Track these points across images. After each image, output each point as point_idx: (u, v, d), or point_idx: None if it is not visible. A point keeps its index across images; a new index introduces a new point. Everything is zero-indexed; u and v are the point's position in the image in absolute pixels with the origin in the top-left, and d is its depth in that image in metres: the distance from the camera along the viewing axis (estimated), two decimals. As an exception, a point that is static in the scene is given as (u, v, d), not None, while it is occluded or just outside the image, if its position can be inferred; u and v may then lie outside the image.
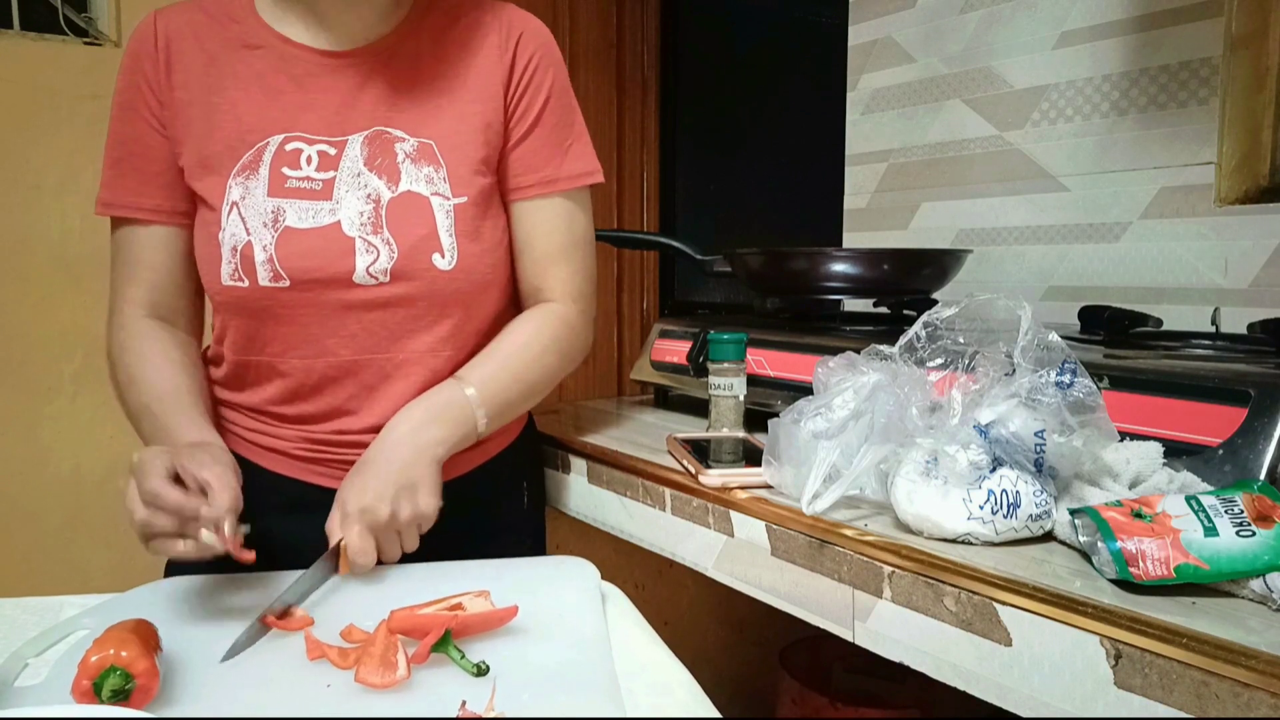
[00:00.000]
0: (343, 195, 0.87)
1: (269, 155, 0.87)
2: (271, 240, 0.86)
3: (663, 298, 2.26)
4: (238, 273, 0.86)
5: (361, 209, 0.87)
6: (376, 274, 0.87)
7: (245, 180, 0.87)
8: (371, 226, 0.87)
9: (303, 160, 0.88)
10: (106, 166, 0.92)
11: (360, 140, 0.89)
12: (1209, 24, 1.14)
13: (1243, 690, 0.51)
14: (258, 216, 0.86)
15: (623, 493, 1.03)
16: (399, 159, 0.89)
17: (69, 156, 1.66)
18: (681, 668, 0.68)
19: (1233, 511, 0.61)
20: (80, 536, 1.73)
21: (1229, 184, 0.94)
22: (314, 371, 0.90)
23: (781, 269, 1.26)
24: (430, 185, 0.89)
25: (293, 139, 0.88)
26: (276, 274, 0.86)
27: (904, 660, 0.71)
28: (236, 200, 0.86)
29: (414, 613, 0.67)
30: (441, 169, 0.89)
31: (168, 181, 0.91)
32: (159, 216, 0.91)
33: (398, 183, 0.88)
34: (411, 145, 0.89)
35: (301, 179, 0.87)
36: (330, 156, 0.88)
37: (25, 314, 1.66)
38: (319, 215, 0.87)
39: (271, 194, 0.86)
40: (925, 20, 1.50)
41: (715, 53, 2.25)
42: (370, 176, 0.88)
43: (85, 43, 1.67)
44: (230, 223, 0.86)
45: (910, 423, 0.75)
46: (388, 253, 0.87)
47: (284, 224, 0.86)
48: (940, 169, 1.49)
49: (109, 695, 0.56)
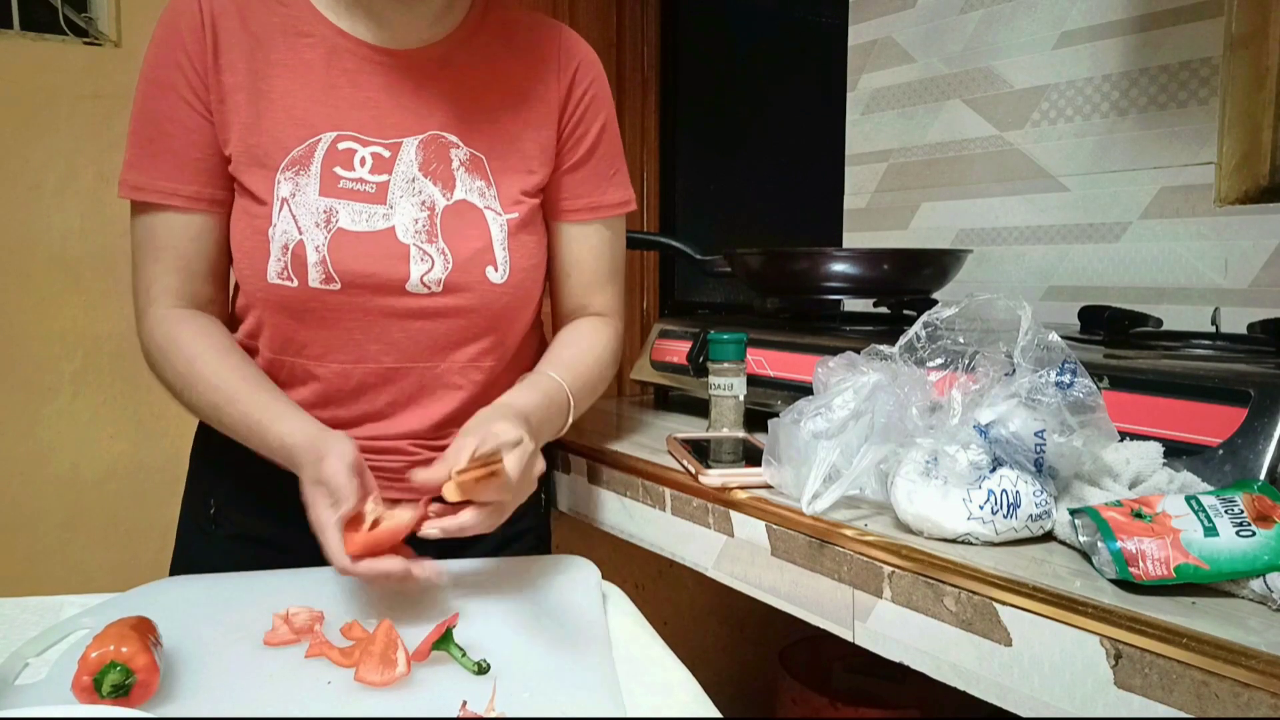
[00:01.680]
0: (397, 200, 0.85)
1: (321, 152, 0.85)
2: (324, 241, 0.83)
3: (663, 298, 2.26)
4: (287, 271, 0.84)
5: (416, 216, 0.86)
6: (430, 284, 0.86)
7: (296, 176, 0.84)
8: (426, 235, 0.86)
9: (356, 161, 0.86)
10: (134, 146, 0.86)
11: (415, 144, 0.87)
12: (1209, 24, 1.14)
13: (1243, 690, 0.51)
14: (310, 215, 0.83)
15: (623, 493, 1.03)
16: (454, 165, 0.88)
17: (69, 156, 1.66)
18: (681, 668, 0.68)
19: (1233, 511, 0.61)
20: (80, 536, 1.73)
21: (1229, 184, 0.94)
22: (351, 377, 0.88)
23: (781, 269, 1.26)
24: (483, 199, 0.88)
25: (345, 137, 0.86)
26: (328, 276, 0.84)
27: (904, 660, 0.71)
28: (286, 196, 0.84)
29: (368, 535, 0.69)
30: (491, 187, 0.89)
31: (208, 166, 0.86)
32: (196, 205, 0.86)
33: (452, 190, 0.87)
34: (465, 154, 0.88)
35: (355, 180, 0.85)
36: (384, 159, 0.86)
37: (25, 314, 1.66)
38: (373, 219, 0.85)
39: (324, 193, 0.84)
40: (925, 20, 1.50)
41: (715, 53, 2.25)
42: (425, 183, 0.86)
43: (85, 43, 1.67)
44: (281, 219, 0.83)
45: (910, 423, 0.75)
46: (442, 263, 0.86)
47: (337, 225, 0.84)
48: (940, 169, 1.49)
49: (109, 691, 0.56)
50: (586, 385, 0.93)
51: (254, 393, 0.83)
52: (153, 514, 1.71)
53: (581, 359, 0.94)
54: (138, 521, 1.76)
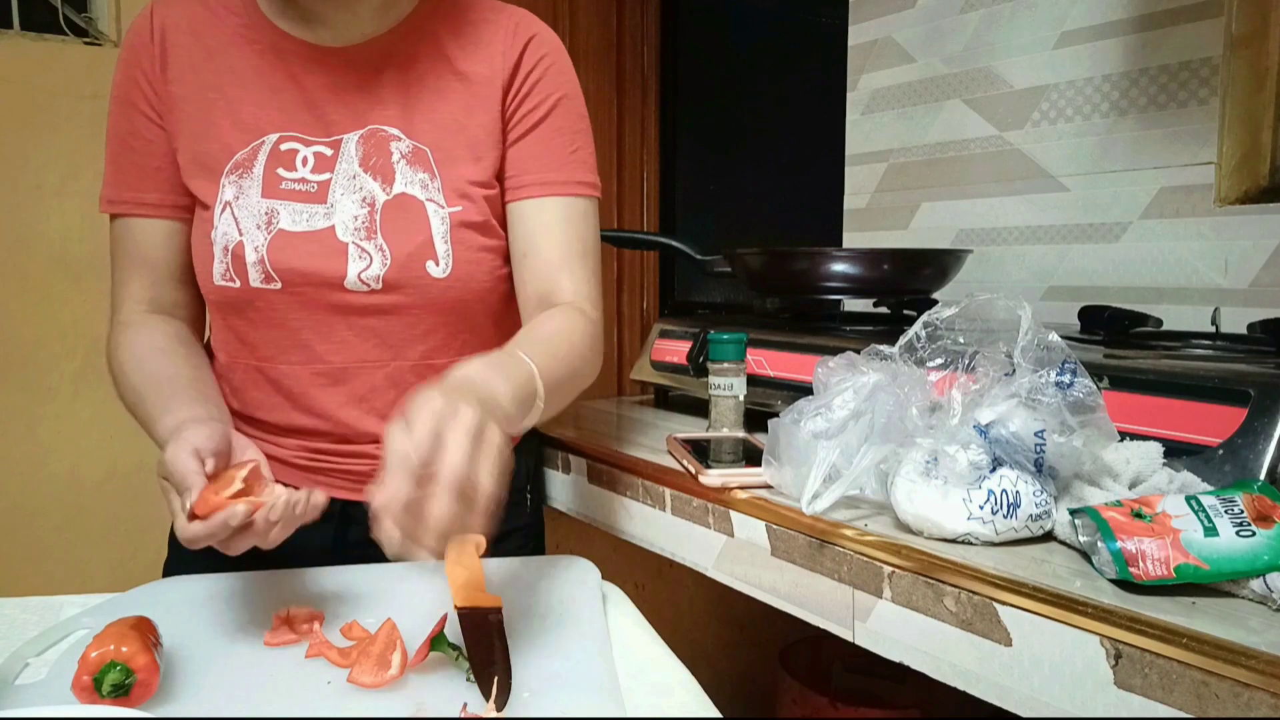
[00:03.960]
0: (338, 199, 0.86)
1: (264, 155, 0.86)
2: (264, 241, 0.85)
3: (663, 298, 2.26)
4: (229, 272, 0.85)
5: (356, 213, 0.86)
6: (369, 280, 0.85)
7: (239, 179, 0.86)
8: (365, 232, 0.85)
9: (298, 161, 0.86)
10: (109, 163, 0.91)
11: (355, 139, 0.87)
12: (1209, 24, 1.14)
13: (1243, 690, 0.51)
14: (251, 217, 0.85)
15: (623, 493, 1.03)
16: (394, 158, 0.87)
17: (69, 156, 1.66)
18: (681, 668, 0.68)
19: (1233, 511, 0.61)
20: (80, 536, 1.73)
21: (1229, 184, 0.94)
22: (302, 378, 0.88)
23: (781, 269, 1.26)
24: (425, 191, 0.87)
25: (288, 138, 0.87)
26: (268, 275, 0.85)
27: (904, 660, 0.71)
28: (230, 200, 0.85)
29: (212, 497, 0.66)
30: (436, 179, 0.88)
31: (168, 176, 0.89)
32: (159, 211, 0.90)
33: (392, 184, 0.87)
34: (407, 146, 0.88)
35: (296, 180, 0.86)
36: (326, 158, 0.87)
37: (25, 314, 1.66)
38: (313, 219, 0.86)
39: (265, 195, 0.85)
40: (925, 20, 1.50)
41: (715, 53, 2.25)
42: (365, 178, 0.87)
43: (85, 43, 1.67)
44: (222, 221, 0.85)
45: (910, 423, 0.75)
46: (380, 259, 0.85)
47: (277, 226, 0.85)
48: (940, 169, 1.49)
49: (109, 690, 0.56)
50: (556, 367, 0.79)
51: (159, 390, 0.81)
52: (153, 514, 1.71)
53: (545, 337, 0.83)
54: (138, 521, 1.76)
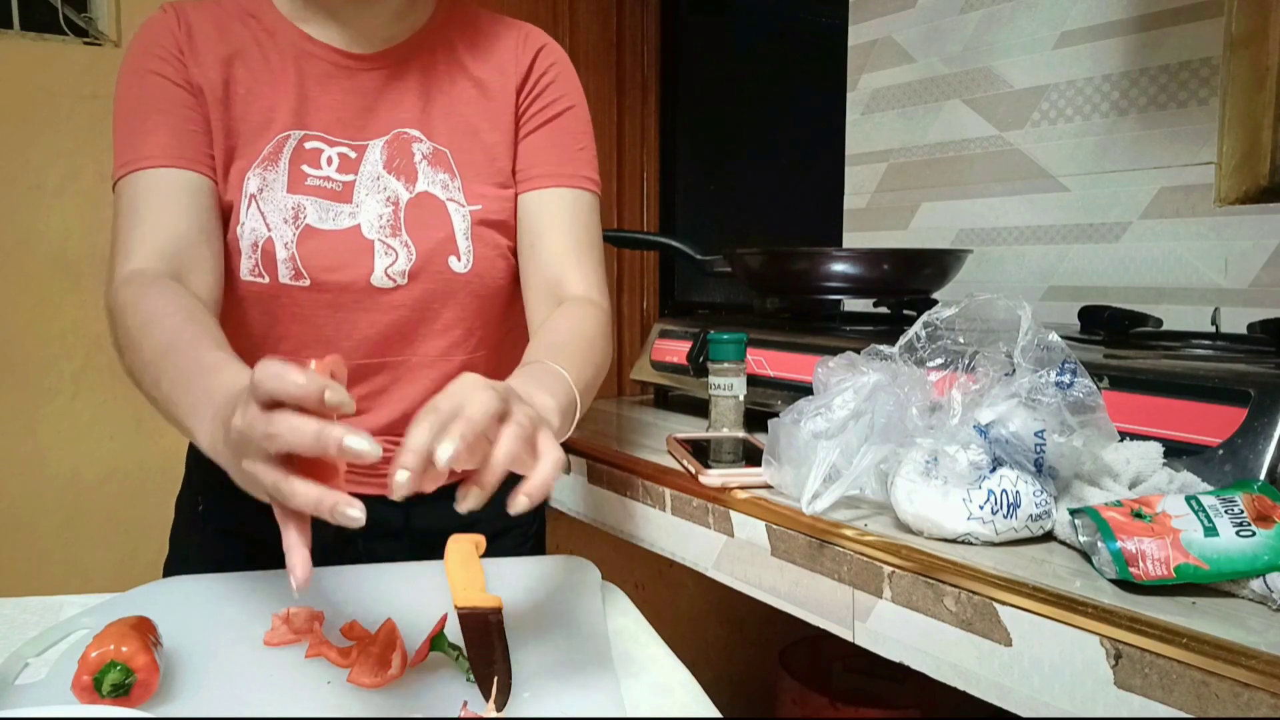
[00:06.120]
0: (363, 199, 0.87)
1: (288, 150, 0.87)
2: (293, 238, 0.85)
3: (663, 298, 2.26)
4: (258, 268, 0.85)
5: (380, 212, 0.87)
6: (394, 275, 0.87)
7: (264, 172, 0.86)
8: (390, 229, 0.87)
9: (323, 160, 0.88)
10: (125, 134, 0.84)
11: (380, 145, 0.89)
12: (1209, 24, 1.14)
13: (1243, 690, 0.51)
14: (278, 212, 0.85)
15: (623, 493, 1.03)
16: (416, 159, 0.89)
17: (69, 156, 1.65)
18: (681, 668, 0.68)
19: (1233, 511, 0.61)
20: (80, 536, 1.73)
21: (1229, 184, 0.94)
22: None
23: (781, 269, 1.26)
24: (446, 191, 0.89)
25: (312, 137, 0.88)
26: (297, 272, 0.86)
27: (904, 660, 0.71)
28: (254, 193, 0.85)
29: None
30: (456, 179, 0.90)
31: (205, 139, 0.84)
32: (181, 161, 0.83)
33: (415, 183, 0.89)
34: (428, 148, 0.90)
35: (322, 178, 0.87)
36: (351, 160, 0.88)
37: (25, 314, 1.66)
38: (339, 217, 0.87)
39: (291, 190, 0.86)
40: (925, 20, 1.50)
41: (715, 53, 2.25)
42: (389, 179, 0.88)
43: (85, 43, 1.67)
44: (249, 217, 0.85)
45: (910, 423, 0.75)
46: (406, 255, 0.87)
47: (304, 221, 0.86)
48: (940, 169, 1.49)
49: (109, 690, 0.56)
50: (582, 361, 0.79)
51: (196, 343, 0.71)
52: (152, 514, 1.71)
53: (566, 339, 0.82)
54: (138, 521, 1.76)
